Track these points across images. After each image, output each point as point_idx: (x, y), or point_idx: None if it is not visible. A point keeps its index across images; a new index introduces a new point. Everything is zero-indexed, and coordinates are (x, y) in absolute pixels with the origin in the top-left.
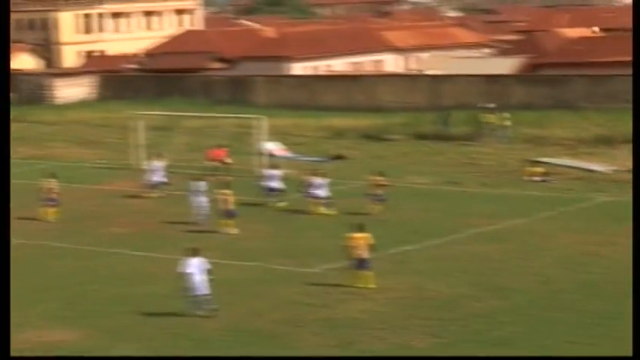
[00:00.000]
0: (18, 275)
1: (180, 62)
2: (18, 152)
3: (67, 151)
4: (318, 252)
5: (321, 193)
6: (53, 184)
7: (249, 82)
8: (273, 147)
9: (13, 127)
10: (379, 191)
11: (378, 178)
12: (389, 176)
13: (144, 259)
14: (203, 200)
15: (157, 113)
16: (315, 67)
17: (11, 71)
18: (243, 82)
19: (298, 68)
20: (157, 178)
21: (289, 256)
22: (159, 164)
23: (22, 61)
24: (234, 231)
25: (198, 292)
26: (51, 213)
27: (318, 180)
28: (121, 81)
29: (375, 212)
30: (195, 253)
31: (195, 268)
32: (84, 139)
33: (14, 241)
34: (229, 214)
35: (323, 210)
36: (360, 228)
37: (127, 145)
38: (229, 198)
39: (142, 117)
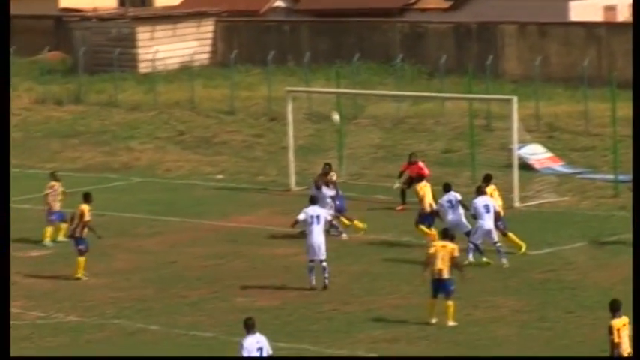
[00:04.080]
0: None
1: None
2: None
3: None
4: None
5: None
6: None
7: (492, 32)
8: (530, 153)
9: None
10: None
11: None
12: None
13: None
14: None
15: None
16: (606, 8)
17: None
18: (487, 32)
19: (579, 8)
20: None
21: None
22: None
23: None
24: None
25: None
26: None
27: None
28: None
29: None
30: None
31: None
32: None
33: None
34: None
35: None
36: None
37: None
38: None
39: None
